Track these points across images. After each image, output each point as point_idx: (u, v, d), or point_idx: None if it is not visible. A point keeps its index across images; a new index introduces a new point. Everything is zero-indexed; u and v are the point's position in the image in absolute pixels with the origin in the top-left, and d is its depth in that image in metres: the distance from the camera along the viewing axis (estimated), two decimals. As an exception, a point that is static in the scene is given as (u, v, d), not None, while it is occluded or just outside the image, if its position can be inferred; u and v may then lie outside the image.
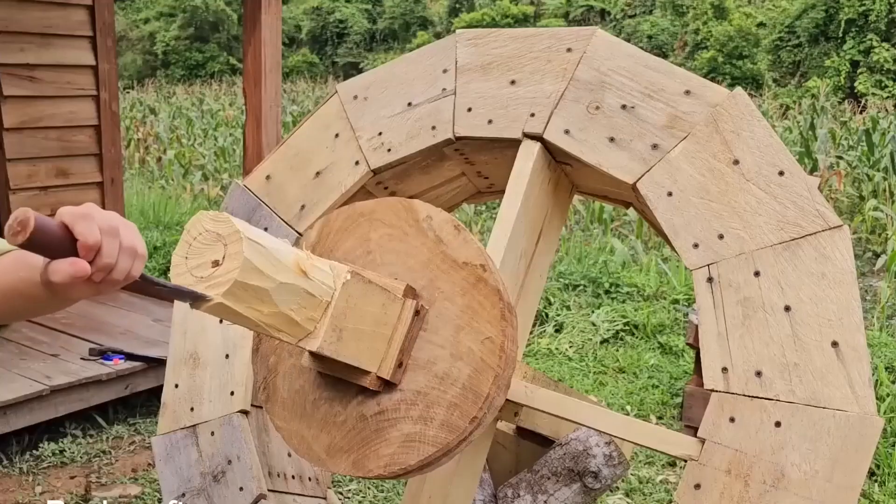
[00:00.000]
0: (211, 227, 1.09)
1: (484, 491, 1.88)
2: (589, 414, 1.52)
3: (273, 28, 3.84)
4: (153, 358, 3.94)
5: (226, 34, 33.83)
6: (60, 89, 4.83)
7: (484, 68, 1.74)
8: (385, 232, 1.39)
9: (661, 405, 4.44)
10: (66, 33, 4.82)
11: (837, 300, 1.36)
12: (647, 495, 3.49)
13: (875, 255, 7.63)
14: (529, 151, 1.65)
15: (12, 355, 3.95)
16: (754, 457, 1.34)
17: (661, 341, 5.26)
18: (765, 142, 1.47)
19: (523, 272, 1.74)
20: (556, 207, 1.84)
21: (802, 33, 24.81)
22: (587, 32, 1.67)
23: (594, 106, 1.61)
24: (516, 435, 1.95)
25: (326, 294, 1.21)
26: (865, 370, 1.32)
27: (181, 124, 16.05)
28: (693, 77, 1.57)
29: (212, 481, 1.80)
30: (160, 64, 33.43)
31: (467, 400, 1.28)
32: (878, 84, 22.54)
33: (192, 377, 1.89)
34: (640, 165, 1.55)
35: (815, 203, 1.41)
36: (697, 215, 1.48)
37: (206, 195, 9.95)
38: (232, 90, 24.48)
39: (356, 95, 1.87)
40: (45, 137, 4.80)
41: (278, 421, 1.40)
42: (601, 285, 6.04)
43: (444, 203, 2.10)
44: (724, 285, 1.43)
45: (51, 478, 3.49)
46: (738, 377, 1.39)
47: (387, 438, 1.31)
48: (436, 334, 1.32)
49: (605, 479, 1.83)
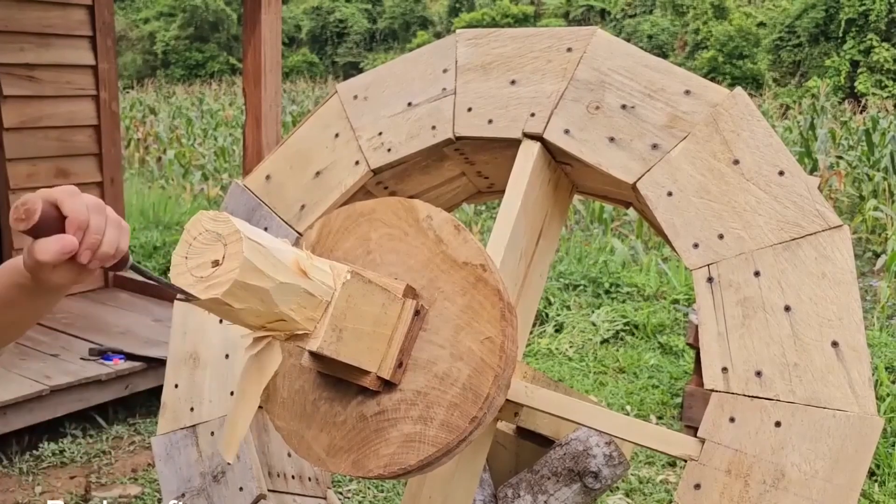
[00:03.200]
0: (211, 226, 1.09)
1: (484, 491, 1.88)
2: (589, 414, 1.52)
3: (273, 27, 3.84)
4: (153, 358, 3.94)
5: (226, 34, 33.83)
6: (60, 89, 4.83)
7: (484, 68, 1.74)
8: (385, 232, 1.39)
9: (661, 405, 4.44)
10: (66, 33, 4.82)
11: (837, 300, 1.36)
12: (647, 495, 3.49)
13: (875, 255, 7.63)
14: (529, 151, 1.65)
15: (12, 355, 3.94)
16: (754, 457, 1.34)
17: (661, 341, 5.27)
18: (765, 142, 1.46)
19: (523, 272, 1.74)
20: (556, 207, 1.84)
21: (802, 33, 24.81)
22: (587, 32, 1.67)
23: (594, 106, 1.61)
24: (516, 435, 1.95)
25: (326, 294, 1.21)
26: (865, 370, 1.32)
27: (181, 124, 16.04)
28: (693, 77, 1.56)
29: (212, 481, 1.80)
30: (160, 64, 33.43)
31: (467, 400, 1.28)
32: (879, 84, 22.55)
33: (191, 377, 1.89)
34: (640, 165, 1.55)
35: (815, 203, 1.41)
36: (697, 215, 1.48)
37: (206, 195, 9.95)
38: (232, 90, 24.49)
39: (356, 95, 1.87)
40: (45, 137, 4.80)
41: (278, 421, 1.40)
42: (601, 285, 6.05)
43: (444, 203, 2.10)
44: (724, 285, 1.43)
45: (51, 478, 3.49)
46: (738, 377, 1.39)
47: (387, 438, 1.31)
48: (436, 334, 1.32)
49: (606, 480, 1.83)
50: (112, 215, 0.99)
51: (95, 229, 0.96)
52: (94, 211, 0.96)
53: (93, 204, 0.96)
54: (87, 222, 0.95)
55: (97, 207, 0.97)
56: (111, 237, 0.97)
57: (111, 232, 0.97)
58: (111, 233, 0.97)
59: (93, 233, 0.95)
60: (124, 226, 1.00)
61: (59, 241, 0.93)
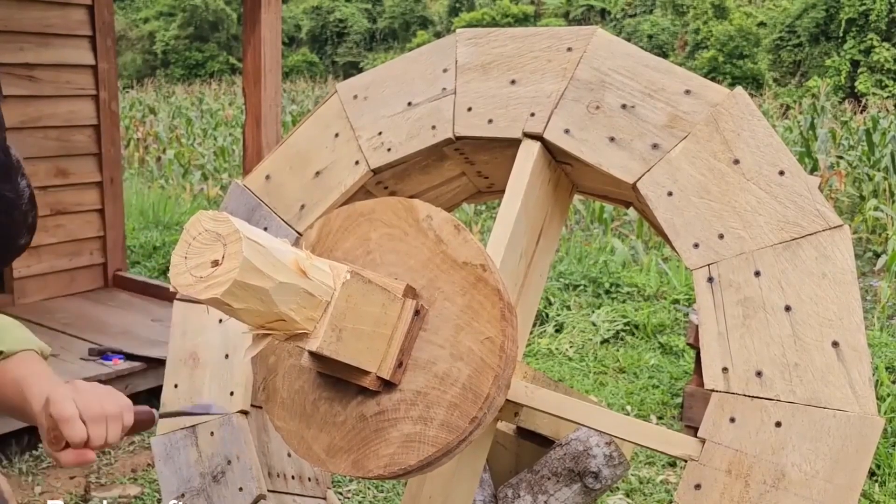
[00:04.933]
0: (210, 226, 1.09)
1: (484, 491, 1.88)
2: (589, 414, 1.52)
3: (273, 27, 3.84)
4: (153, 358, 3.93)
5: (225, 34, 33.83)
6: (60, 89, 4.83)
7: (484, 68, 1.74)
8: (385, 232, 1.38)
9: (662, 405, 4.44)
10: (66, 33, 4.82)
11: (838, 300, 1.35)
12: (648, 495, 3.49)
13: (875, 255, 7.63)
14: (529, 151, 1.65)
15: (12, 355, 3.93)
16: (754, 457, 1.34)
17: (662, 341, 5.27)
18: (765, 141, 1.46)
19: (523, 272, 1.74)
20: (557, 207, 1.84)
21: (803, 33, 24.82)
22: (587, 32, 1.66)
23: (594, 105, 1.61)
24: (516, 435, 1.95)
25: (326, 294, 1.21)
26: (866, 370, 1.32)
27: (181, 124, 16.05)
28: (693, 76, 1.56)
29: (211, 481, 1.80)
30: (160, 63, 33.43)
31: (467, 400, 1.28)
32: (879, 84, 22.55)
33: (191, 377, 1.89)
34: (641, 165, 1.54)
35: (816, 203, 1.41)
36: (698, 215, 1.48)
37: (206, 195, 9.95)
38: (232, 90, 24.49)
39: (356, 95, 1.87)
40: (45, 137, 4.80)
41: (278, 421, 1.40)
42: (601, 285, 6.05)
43: (444, 203, 2.10)
44: (724, 285, 1.43)
45: (50, 478, 3.49)
46: (738, 377, 1.38)
47: (387, 438, 1.31)
48: (436, 334, 1.32)
49: (606, 480, 1.83)
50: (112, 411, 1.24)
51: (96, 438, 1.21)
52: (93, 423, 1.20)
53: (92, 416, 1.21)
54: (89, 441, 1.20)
55: (96, 418, 1.21)
56: (114, 433, 1.24)
57: (113, 430, 1.23)
58: (113, 430, 1.23)
59: (95, 441, 1.21)
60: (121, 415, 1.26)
61: (78, 457, 1.19)
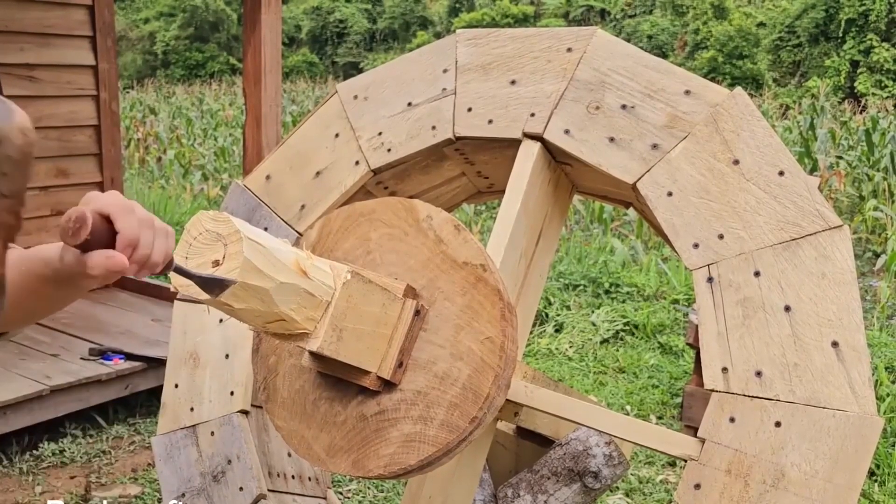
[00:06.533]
0: (211, 226, 1.09)
1: (484, 491, 1.88)
2: (589, 414, 1.52)
3: (273, 27, 3.84)
4: (153, 358, 3.94)
5: (226, 34, 33.82)
6: (60, 89, 4.83)
7: (484, 68, 1.74)
8: (385, 232, 1.39)
9: (661, 405, 4.44)
10: (66, 33, 4.82)
11: (837, 300, 1.36)
12: (647, 495, 3.49)
13: (875, 255, 7.63)
14: (529, 151, 1.65)
15: (12, 355, 3.94)
16: (754, 457, 1.34)
17: (661, 341, 5.27)
18: (765, 142, 1.47)
19: (523, 272, 1.74)
20: (556, 207, 1.84)
21: (802, 33, 24.81)
22: (587, 32, 1.67)
23: (594, 106, 1.61)
24: (516, 435, 1.95)
25: (326, 294, 1.21)
26: (865, 370, 1.32)
27: (181, 124, 16.04)
28: (693, 77, 1.56)
29: (212, 481, 1.80)
30: (160, 64, 33.42)
31: (467, 400, 1.28)
32: (878, 84, 22.55)
33: (191, 377, 1.89)
34: (640, 165, 1.55)
35: (815, 203, 1.41)
36: (697, 215, 1.48)
37: (206, 195, 9.95)
38: (232, 90, 24.49)
39: (356, 95, 1.87)
40: (45, 137, 4.79)
41: (278, 421, 1.40)
42: (601, 285, 6.05)
43: (444, 203, 2.10)
44: (724, 285, 1.43)
45: (51, 478, 3.49)
46: (738, 377, 1.39)
47: (387, 438, 1.31)
48: (436, 334, 1.32)
49: (605, 479, 1.83)
50: (160, 226, 1.00)
51: (145, 245, 0.97)
52: (144, 226, 0.98)
53: (144, 218, 0.98)
54: (138, 240, 0.96)
55: (147, 222, 0.98)
56: (159, 249, 0.99)
57: (159, 244, 0.99)
58: (159, 245, 0.99)
59: (142, 248, 0.97)
60: (170, 232, 1.02)
61: (111, 260, 0.94)
